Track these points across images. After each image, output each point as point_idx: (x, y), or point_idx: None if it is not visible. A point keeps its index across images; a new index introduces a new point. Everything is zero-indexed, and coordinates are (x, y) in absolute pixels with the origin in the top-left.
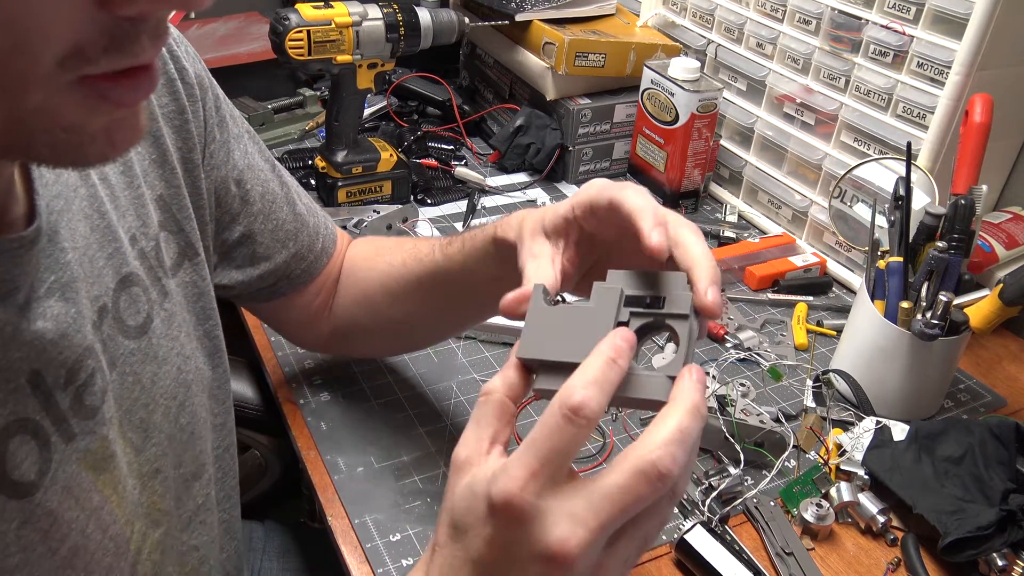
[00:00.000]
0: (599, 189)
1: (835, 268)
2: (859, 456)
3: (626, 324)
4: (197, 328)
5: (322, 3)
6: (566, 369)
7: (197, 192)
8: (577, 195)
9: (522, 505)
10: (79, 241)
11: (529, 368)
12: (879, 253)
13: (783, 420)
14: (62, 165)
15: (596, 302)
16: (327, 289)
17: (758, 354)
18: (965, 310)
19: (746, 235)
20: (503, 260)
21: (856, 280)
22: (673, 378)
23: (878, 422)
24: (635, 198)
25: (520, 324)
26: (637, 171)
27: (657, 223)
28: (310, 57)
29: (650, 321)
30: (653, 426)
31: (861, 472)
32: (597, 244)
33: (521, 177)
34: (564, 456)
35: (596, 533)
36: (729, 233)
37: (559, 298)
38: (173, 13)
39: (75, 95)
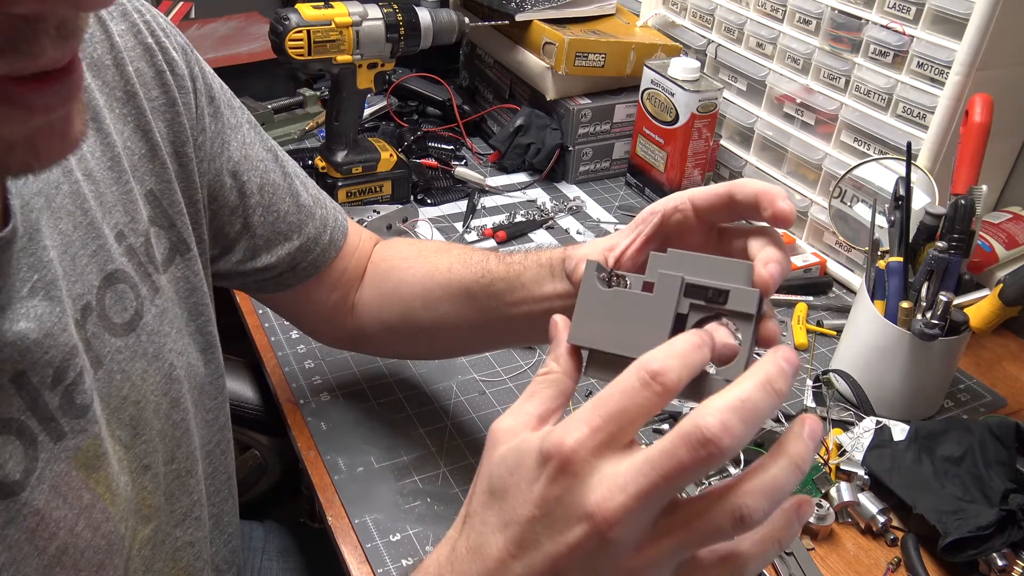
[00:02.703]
0: (685, 193)
1: (835, 268)
2: (859, 456)
3: (685, 316)
4: (189, 324)
5: (322, 3)
6: (620, 363)
7: (191, 186)
8: (661, 202)
9: (573, 458)
10: (61, 239)
11: (578, 349)
12: (879, 253)
13: (783, 420)
14: None
15: (656, 290)
16: (344, 285)
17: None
18: (965, 310)
19: None
20: (561, 279)
21: (856, 280)
22: (730, 382)
23: (878, 422)
24: (733, 185)
25: None
26: (637, 171)
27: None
28: (310, 57)
29: (710, 316)
30: (716, 394)
31: (861, 472)
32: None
33: (521, 177)
34: (629, 420)
35: (636, 500)
36: None
37: (616, 274)
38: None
39: None
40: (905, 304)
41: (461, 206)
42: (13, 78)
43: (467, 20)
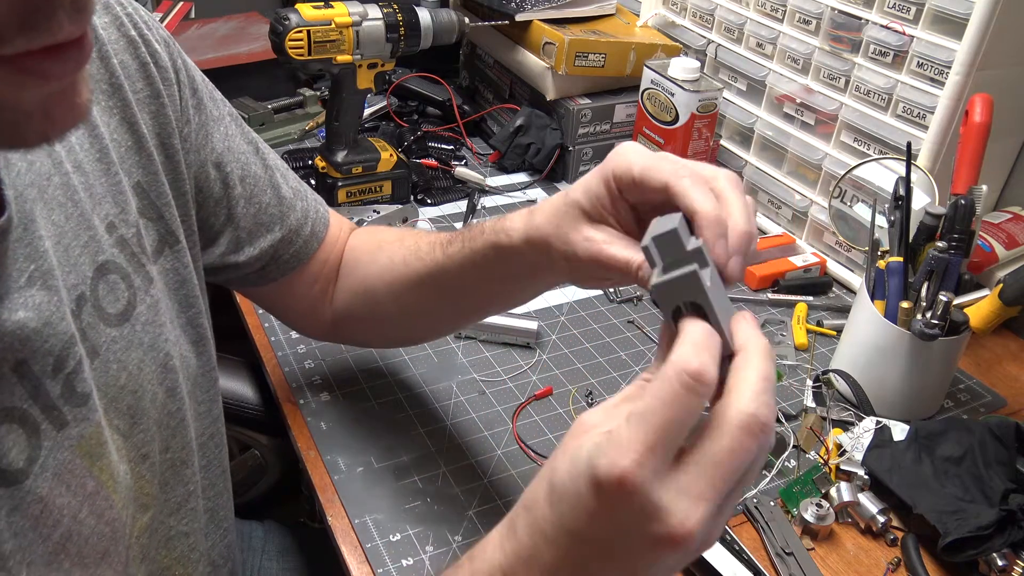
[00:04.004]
0: (631, 165)
1: (835, 268)
2: (859, 456)
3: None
4: (180, 315)
5: (322, 3)
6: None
7: (178, 177)
8: (609, 166)
9: (636, 483)
10: (54, 230)
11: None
12: (879, 253)
13: (783, 420)
14: (2, 147)
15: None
16: (325, 276)
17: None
18: (965, 310)
19: None
20: (500, 262)
21: (856, 280)
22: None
23: (878, 422)
24: (674, 178)
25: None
26: None
27: (716, 219)
28: (310, 57)
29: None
30: (736, 379)
31: (861, 472)
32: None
33: (521, 177)
34: (682, 429)
35: (715, 504)
36: None
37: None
38: None
39: None
40: (905, 304)
41: (461, 206)
42: (28, 52)
43: (467, 20)
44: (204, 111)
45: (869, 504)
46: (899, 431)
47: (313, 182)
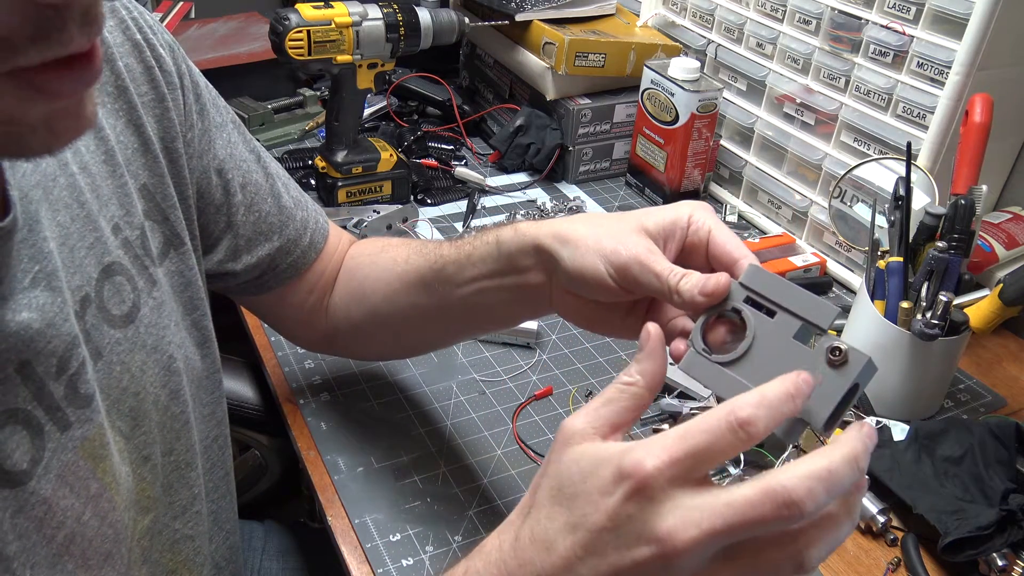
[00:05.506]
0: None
1: (835, 268)
2: None
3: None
4: (185, 318)
5: (322, 3)
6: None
7: (182, 181)
8: (683, 209)
9: (650, 482)
10: (59, 231)
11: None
12: (879, 253)
13: None
14: (4, 156)
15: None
16: (322, 287)
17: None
18: (965, 310)
19: (746, 235)
20: (499, 260)
21: (856, 280)
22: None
23: (878, 422)
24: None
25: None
26: (637, 171)
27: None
28: (310, 57)
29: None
30: (802, 459)
31: None
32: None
33: (521, 177)
34: (709, 460)
35: (706, 536)
36: None
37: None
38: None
39: (7, 88)
40: (905, 304)
41: (461, 206)
42: (39, 64)
43: (467, 20)
44: (207, 117)
45: (869, 504)
46: (899, 431)
47: (313, 182)
